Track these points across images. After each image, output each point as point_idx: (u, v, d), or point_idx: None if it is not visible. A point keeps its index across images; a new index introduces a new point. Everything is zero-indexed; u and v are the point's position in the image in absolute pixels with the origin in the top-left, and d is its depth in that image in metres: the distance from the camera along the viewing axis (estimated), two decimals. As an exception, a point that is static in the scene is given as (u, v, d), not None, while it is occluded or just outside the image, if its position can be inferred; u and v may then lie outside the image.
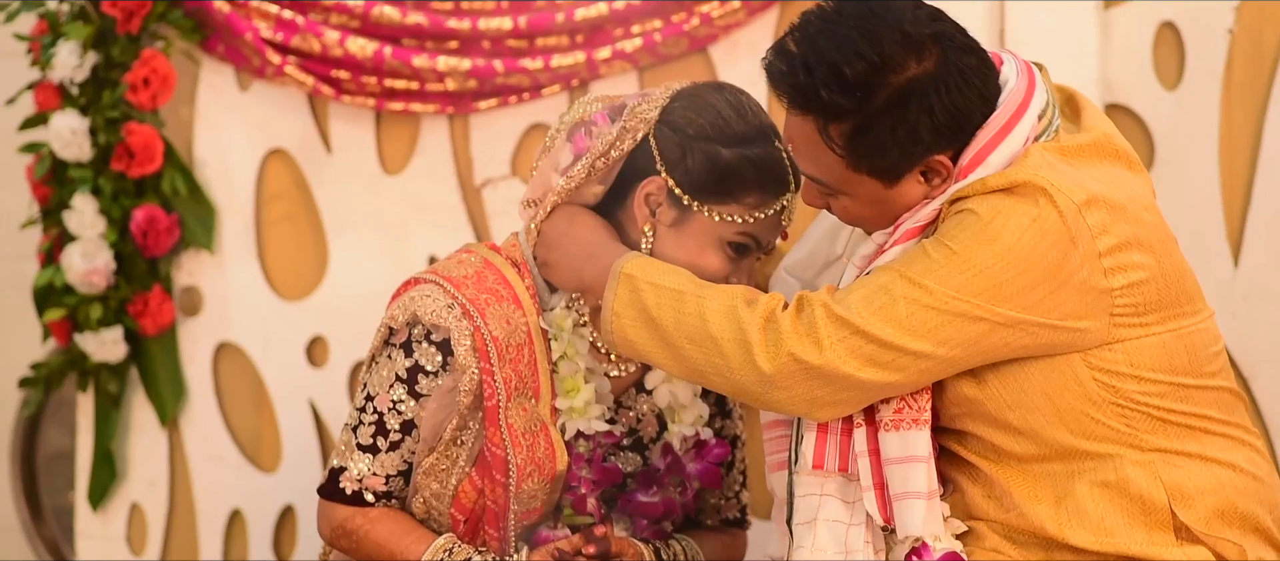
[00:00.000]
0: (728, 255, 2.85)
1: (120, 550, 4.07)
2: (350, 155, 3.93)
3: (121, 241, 3.91)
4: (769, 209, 2.84)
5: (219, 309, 4.00)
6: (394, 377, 2.90)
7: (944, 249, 2.57)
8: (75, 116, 3.89)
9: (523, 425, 2.87)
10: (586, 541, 2.84)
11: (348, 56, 3.81)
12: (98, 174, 3.91)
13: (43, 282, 3.96)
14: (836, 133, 2.61)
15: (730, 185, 2.82)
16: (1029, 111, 2.64)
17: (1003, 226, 2.56)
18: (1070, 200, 2.56)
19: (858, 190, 2.66)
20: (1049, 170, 2.59)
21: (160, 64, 3.87)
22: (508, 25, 3.74)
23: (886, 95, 2.57)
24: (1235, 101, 3.51)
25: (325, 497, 2.97)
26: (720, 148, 2.82)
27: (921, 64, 2.57)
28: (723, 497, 3.12)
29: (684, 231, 2.85)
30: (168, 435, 4.03)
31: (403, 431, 2.91)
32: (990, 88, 2.64)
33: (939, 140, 2.61)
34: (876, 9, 2.60)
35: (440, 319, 2.87)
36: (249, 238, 3.99)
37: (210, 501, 4.03)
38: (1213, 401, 2.67)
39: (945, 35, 2.61)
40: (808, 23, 2.65)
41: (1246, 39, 3.50)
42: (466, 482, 2.90)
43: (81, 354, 3.96)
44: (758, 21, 3.72)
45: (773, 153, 2.83)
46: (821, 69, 2.58)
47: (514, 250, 2.97)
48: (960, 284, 2.56)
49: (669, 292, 2.69)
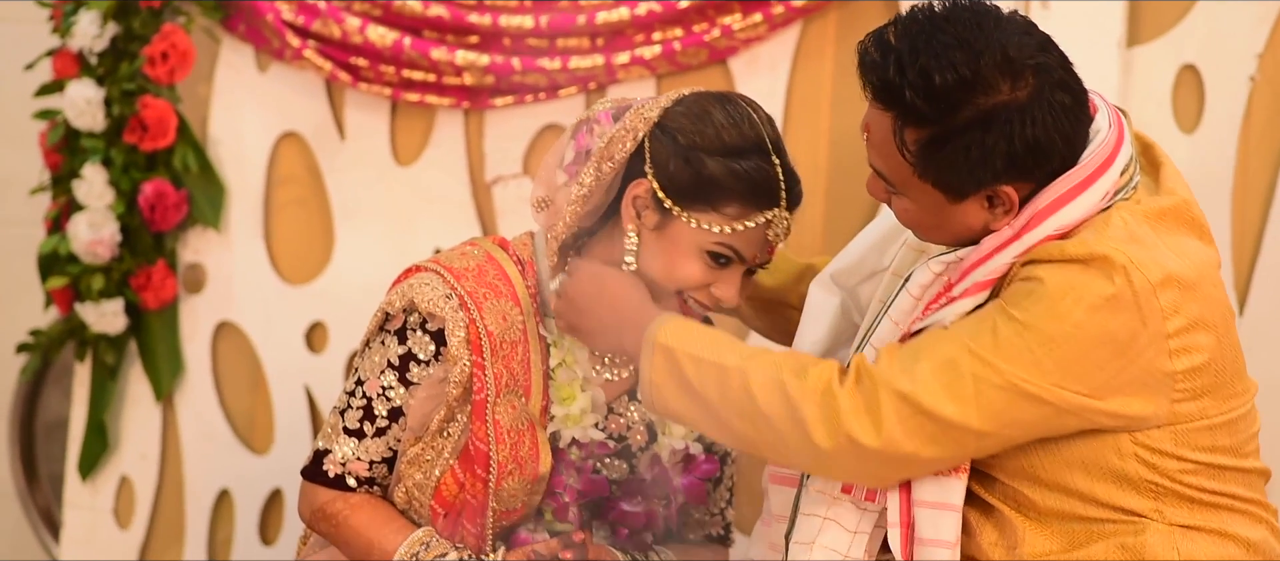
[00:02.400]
0: (706, 264, 2.81)
1: (107, 522, 4.07)
2: (363, 143, 3.92)
3: (129, 214, 3.91)
4: (749, 221, 2.79)
5: (222, 288, 4.00)
6: (386, 364, 2.89)
7: (1013, 323, 2.48)
8: (91, 86, 3.89)
9: (509, 422, 2.86)
10: (564, 547, 2.83)
11: (367, 44, 3.80)
12: (110, 145, 3.91)
13: (48, 250, 3.96)
14: (911, 138, 2.52)
15: (710, 193, 2.79)
16: (1113, 167, 2.56)
17: (1075, 302, 2.47)
18: (1146, 279, 2.48)
19: (920, 197, 2.58)
20: (1129, 243, 2.50)
21: (180, 39, 3.87)
22: (529, 23, 3.73)
23: (971, 113, 2.48)
24: (1252, 149, 3.49)
25: (308, 479, 2.96)
26: (706, 156, 2.79)
27: (1014, 91, 2.48)
28: (708, 513, 3.09)
29: (664, 236, 2.82)
30: (162, 410, 4.03)
31: (390, 418, 2.90)
32: (1077, 131, 2.54)
33: (1011, 171, 2.52)
34: (986, 22, 2.51)
35: (436, 308, 2.86)
36: (257, 219, 3.98)
37: (199, 479, 4.03)
38: (1243, 481, 2.62)
39: (1046, 67, 2.50)
40: (913, 19, 2.54)
41: (1268, 87, 3.48)
42: (448, 475, 2.89)
43: (81, 323, 3.96)
44: (779, 37, 3.71)
45: (762, 167, 2.79)
46: (912, 71, 2.48)
47: (522, 249, 2.95)
48: (1029, 362, 2.47)
49: (711, 367, 2.61)
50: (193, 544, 4.03)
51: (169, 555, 4.05)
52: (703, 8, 3.68)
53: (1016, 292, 2.51)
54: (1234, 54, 3.49)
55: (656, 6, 3.69)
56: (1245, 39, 3.48)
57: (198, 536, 4.03)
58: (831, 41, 3.70)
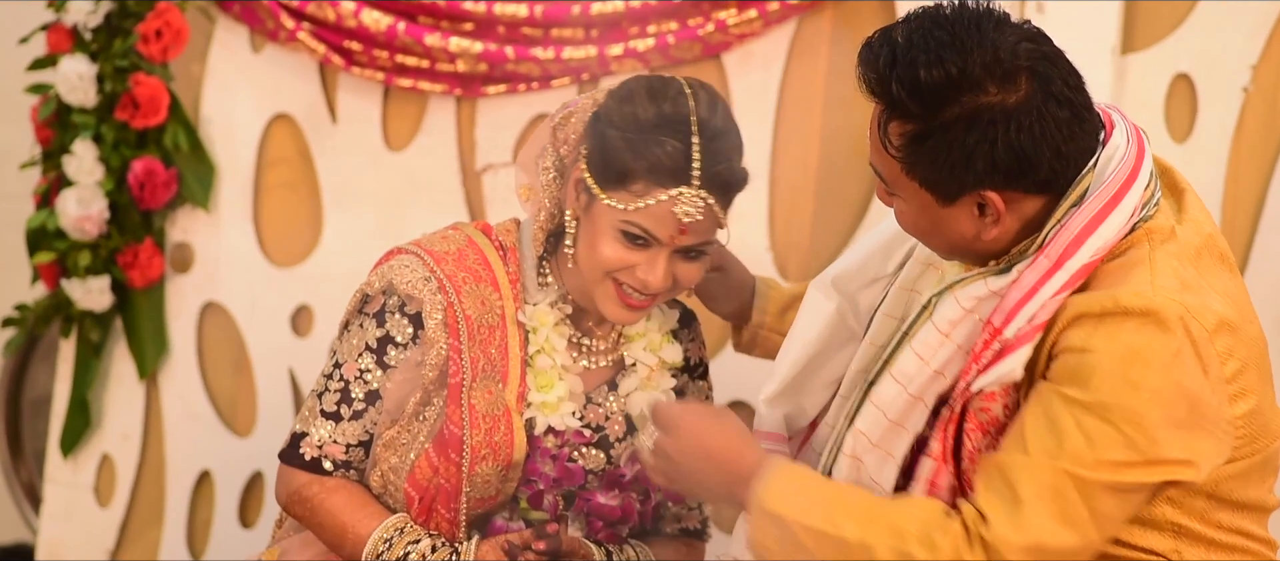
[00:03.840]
0: (624, 245, 2.79)
1: (87, 499, 4.07)
2: (355, 127, 3.92)
3: (118, 191, 3.90)
4: (652, 199, 2.76)
5: (209, 268, 4.00)
6: (363, 347, 2.89)
7: (1091, 412, 2.41)
8: (84, 62, 3.88)
9: (485, 407, 2.85)
10: (537, 537, 2.82)
11: (361, 28, 3.79)
12: (101, 121, 3.91)
13: (36, 225, 3.96)
14: (895, 131, 2.49)
15: (618, 171, 2.78)
16: (1137, 184, 2.52)
17: (1145, 367, 2.41)
18: (1203, 328, 2.43)
19: (912, 198, 2.54)
20: (1181, 290, 2.45)
21: (175, 17, 3.86)
22: (524, 12, 3.73)
23: (955, 111, 2.45)
24: (1244, 159, 3.47)
25: (284, 462, 2.95)
26: (619, 135, 2.78)
27: (1002, 93, 2.44)
28: (686, 507, 3.09)
29: (589, 218, 2.82)
30: (145, 389, 4.03)
31: (367, 401, 2.89)
32: (1071, 147, 2.48)
33: (993, 176, 2.47)
34: (985, 25, 2.48)
35: (415, 290, 2.86)
36: (246, 200, 3.98)
37: (181, 459, 4.02)
38: (1256, 519, 2.59)
39: (1043, 76, 2.46)
40: (919, 15, 2.51)
41: (1261, 99, 3.47)
42: (423, 459, 2.88)
43: (67, 299, 3.95)
44: (773, 33, 3.70)
45: (672, 145, 2.75)
46: (902, 64, 2.46)
47: (506, 235, 2.95)
48: (1124, 445, 2.41)
49: (829, 541, 2.50)
50: (172, 524, 4.03)
51: (148, 534, 4.05)
52: (697, 2, 3.68)
53: (1076, 371, 2.44)
54: (1228, 64, 3.48)
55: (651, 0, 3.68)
56: (1240, 50, 3.47)
57: (177, 517, 4.02)
58: (826, 39, 3.69)
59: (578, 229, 2.84)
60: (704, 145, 2.75)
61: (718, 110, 2.80)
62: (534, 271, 2.92)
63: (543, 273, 2.92)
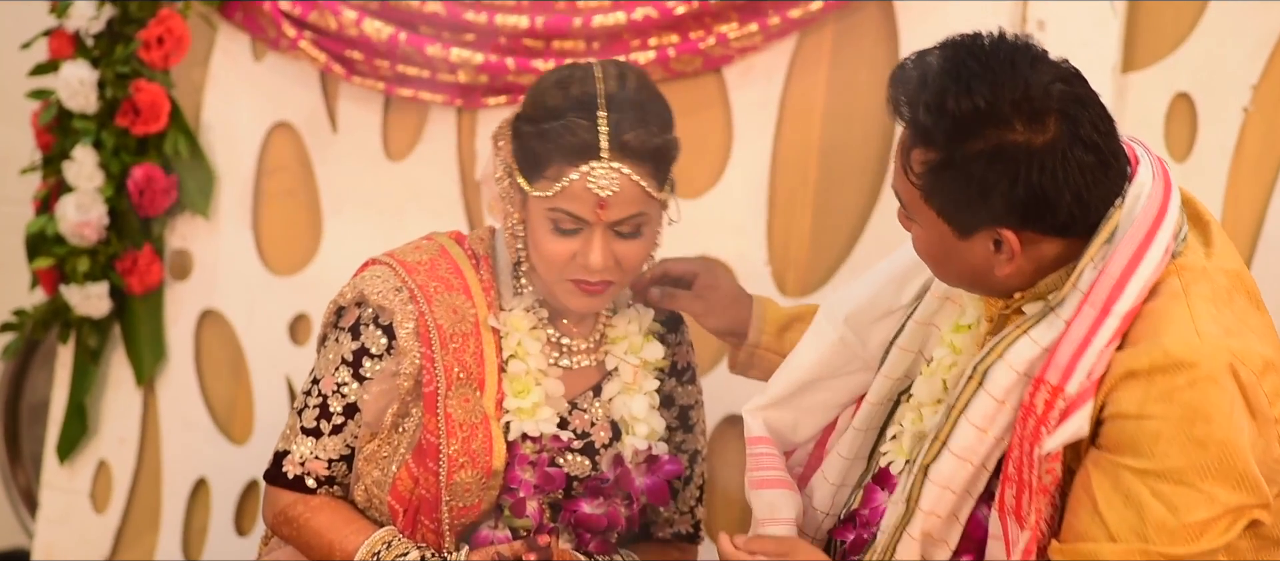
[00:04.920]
0: (556, 235, 2.82)
1: (83, 505, 4.07)
2: (355, 136, 3.91)
3: (117, 197, 3.91)
4: (566, 179, 2.79)
5: (208, 275, 4.00)
6: (340, 361, 2.90)
7: (1166, 482, 2.40)
8: (85, 67, 3.89)
9: (462, 416, 2.86)
10: (528, 549, 2.82)
11: (362, 37, 3.79)
12: (101, 127, 3.91)
13: (35, 230, 3.96)
14: (917, 158, 2.48)
15: (535, 160, 2.82)
16: (1167, 220, 2.50)
17: (1207, 424, 2.40)
18: (1252, 372, 2.43)
19: (928, 226, 2.53)
20: (1226, 336, 2.44)
21: (176, 24, 3.87)
22: (525, 23, 3.72)
23: (978, 146, 2.42)
24: (1243, 180, 3.47)
25: (269, 482, 2.96)
26: (533, 125, 2.82)
27: (1028, 133, 2.41)
28: (677, 511, 3.09)
29: (527, 216, 2.86)
30: (143, 395, 4.03)
31: (346, 414, 2.90)
32: (1094, 193, 2.46)
33: (1010, 215, 2.46)
34: (1021, 60, 2.45)
35: (386, 301, 2.88)
36: (246, 207, 3.98)
37: (177, 466, 4.02)
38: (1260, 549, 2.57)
39: (1072, 119, 2.43)
40: (957, 43, 2.49)
41: (1261, 119, 3.46)
42: (403, 470, 2.89)
43: (66, 305, 3.95)
44: (774, 47, 3.69)
45: (578, 122, 2.79)
46: (930, 90, 2.44)
47: (479, 243, 2.97)
48: (1205, 502, 2.40)
49: None
50: (168, 531, 4.02)
51: (144, 541, 4.04)
52: (699, 15, 3.67)
53: (1137, 439, 2.43)
54: (1229, 84, 3.47)
55: (653, 12, 3.67)
56: (1240, 70, 3.46)
57: (173, 524, 4.02)
58: (827, 54, 3.69)
59: (525, 231, 2.86)
60: (610, 117, 2.78)
61: (628, 84, 2.82)
62: (509, 278, 2.95)
63: (518, 279, 2.94)
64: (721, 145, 3.76)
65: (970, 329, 2.70)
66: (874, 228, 3.66)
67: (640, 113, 2.81)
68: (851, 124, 3.67)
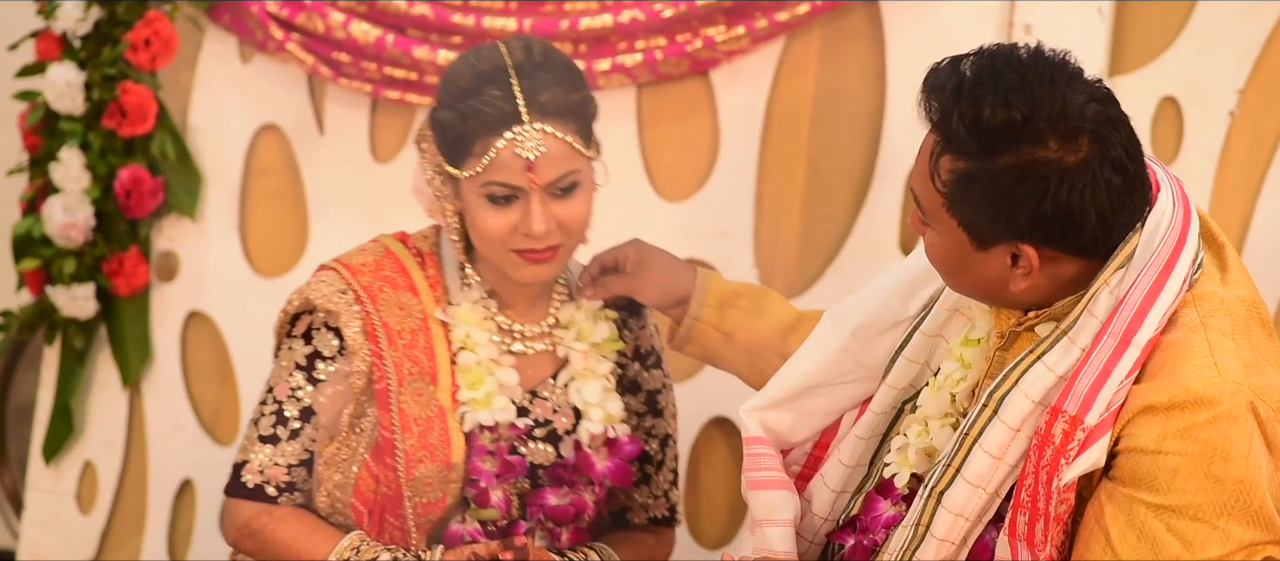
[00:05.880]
0: (494, 210, 2.85)
1: (69, 507, 4.06)
2: (342, 138, 3.92)
3: (104, 199, 3.90)
4: (494, 150, 2.83)
5: (194, 277, 3.99)
6: (293, 366, 2.94)
7: (1182, 518, 2.40)
8: (72, 69, 3.88)
9: (416, 410, 2.89)
10: (504, 549, 2.83)
11: (350, 40, 3.79)
12: (88, 129, 3.90)
13: (22, 231, 3.95)
14: (946, 166, 2.47)
15: (458, 143, 2.85)
16: (1187, 249, 2.49)
17: (1225, 460, 2.40)
18: (1271, 410, 2.43)
19: (947, 234, 2.52)
20: (1246, 372, 2.43)
21: (163, 26, 3.86)
22: (512, 26, 3.72)
23: (1011, 159, 2.42)
24: (1230, 183, 3.47)
25: (229, 495, 2.97)
26: (449, 112, 2.86)
27: (1062, 150, 2.41)
28: (651, 496, 3.11)
29: (463, 202, 2.89)
30: (129, 397, 4.02)
31: (302, 418, 2.92)
32: (1118, 216, 2.46)
33: (1034, 231, 2.45)
34: (1059, 77, 2.44)
35: (331, 303, 2.93)
36: (232, 209, 3.98)
37: (163, 468, 4.02)
38: None
39: (1104, 140, 2.43)
40: (994, 52, 2.48)
41: (1247, 123, 3.47)
42: (364, 470, 2.92)
43: (52, 306, 3.95)
44: (761, 51, 3.69)
45: (492, 94, 2.83)
46: (967, 99, 2.43)
47: (423, 241, 3.02)
48: (1220, 538, 2.40)
49: None
50: (153, 533, 4.02)
51: (130, 543, 4.04)
52: (686, 18, 3.67)
53: (1154, 474, 2.42)
54: (1215, 88, 3.48)
55: (640, 15, 3.68)
56: (1227, 74, 3.47)
57: (159, 526, 4.02)
58: (814, 58, 3.69)
59: (464, 218, 2.91)
60: (523, 83, 2.82)
61: (534, 51, 2.87)
62: (456, 273, 2.98)
63: (464, 270, 2.97)
64: (708, 148, 3.76)
65: (979, 343, 2.69)
66: (861, 231, 3.66)
67: (551, 74, 2.86)
68: (839, 127, 3.67)
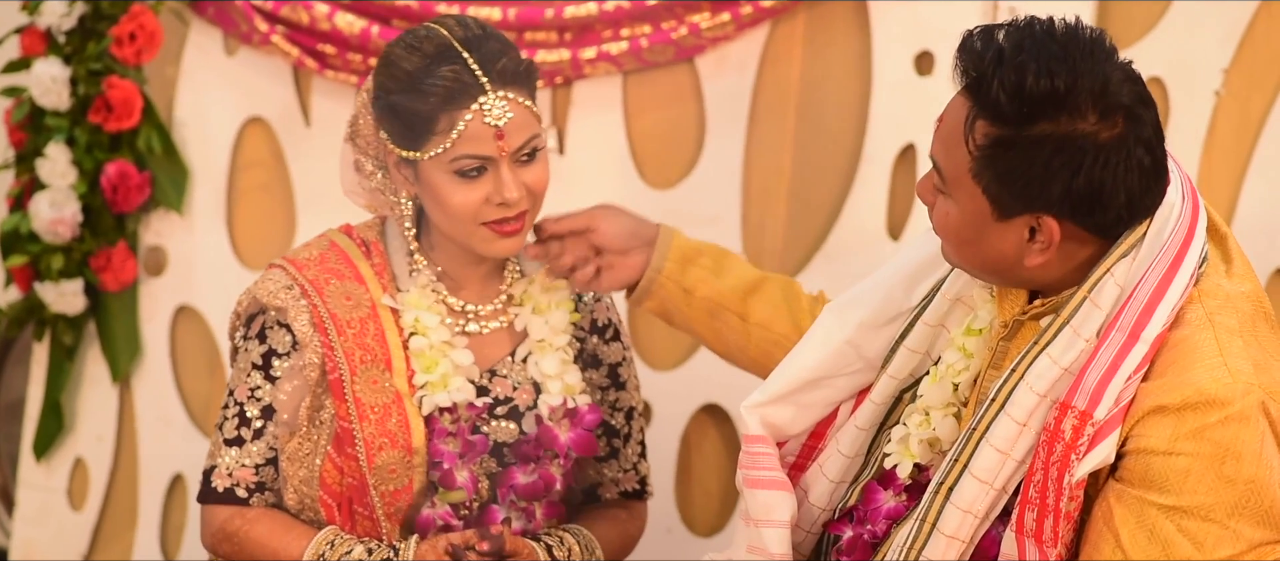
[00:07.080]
0: (467, 183, 2.86)
1: (60, 503, 4.06)
2: (329, 130, 3.90)
3: (91, 194, 3.90)
4: (462, 122, 2.83)
5: (182, 271, 3.99)
6: (251, 366, 2.95)
7: (1193, 518, 2.40)
8: (57, 64, 3.88)
9: (372, 398, 2.91)
10: (480, 538, 2.85)
11: (335, 31, 3.79)
12: (74, 124, 3.90)
13: (9, 228, 3.95)
14: (981, 131, 2.45)
15: (419, 124, 2.85)
16: (1195, 243, 2.49)
17: (1237, 461, 2.39)
18: None
19: (966, 203, 2.50)
20: (1257, 371, 2.43)
21: (148, 20, 3.86)
22: (496, 16, 3.72)
23: (1048, 129, 2.41)
24: (1216, 164, 3.48)
25: (202, 501, 2.99)
26: (401, 97, 2.86)
27: (1099, 125, 2.41)
28: (621, 469, 3.12)
29: (423, 184, 2.89)
30: (119, 392, 4.02)
31: (264, 416, 2.94)
32: (1144, 196, 2.46)
33: (1063, 205, 2.44)
34: (1098, 52, 2.44)
35: (278, 300, 2.94)
36: (220, 203, 3.97)
37: (154, 463, 4.01)
38: None
39: (1139, 119, 2.43)
40: (1031, 23, 2.47)
41: (1233, 103, 3.48)
42: (327, 463, 2.93)
43: (40, 303, 3.95)
44: (746, 37, 3.70)
45: (448, 70, 2.84)
46: (1009, 66, 2.41)
47: (367, 232, 3.03)
48: (1230, 539, 2.39)
49: None
50: (145, 528, 4.02)
51: (122, 538, 4.04)
52: (671, 5, 3.67)
53: (1165, 475, 2.42)
54: (1200, 68, 3.49)
55: (625, 3, 3.68)
56: (1211, 54, 3.48)
57: (150, 520, 4.02)
58: (799, 43, 3.69)
59: (419, 205, 2.93)
60: (474, 56, 2.84)
61: (471, 26, 2.90)
62: (403, 261, 2.99)
63: (412, 258, 2.98)
64: (695, 135, 3.77)
65: (982, 333, 2.68)
66: (848, 216, 3.67)
67: (498, 42, 2.88)
68: (825, 113, 3.68)
